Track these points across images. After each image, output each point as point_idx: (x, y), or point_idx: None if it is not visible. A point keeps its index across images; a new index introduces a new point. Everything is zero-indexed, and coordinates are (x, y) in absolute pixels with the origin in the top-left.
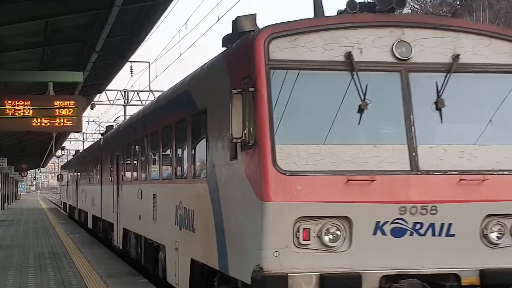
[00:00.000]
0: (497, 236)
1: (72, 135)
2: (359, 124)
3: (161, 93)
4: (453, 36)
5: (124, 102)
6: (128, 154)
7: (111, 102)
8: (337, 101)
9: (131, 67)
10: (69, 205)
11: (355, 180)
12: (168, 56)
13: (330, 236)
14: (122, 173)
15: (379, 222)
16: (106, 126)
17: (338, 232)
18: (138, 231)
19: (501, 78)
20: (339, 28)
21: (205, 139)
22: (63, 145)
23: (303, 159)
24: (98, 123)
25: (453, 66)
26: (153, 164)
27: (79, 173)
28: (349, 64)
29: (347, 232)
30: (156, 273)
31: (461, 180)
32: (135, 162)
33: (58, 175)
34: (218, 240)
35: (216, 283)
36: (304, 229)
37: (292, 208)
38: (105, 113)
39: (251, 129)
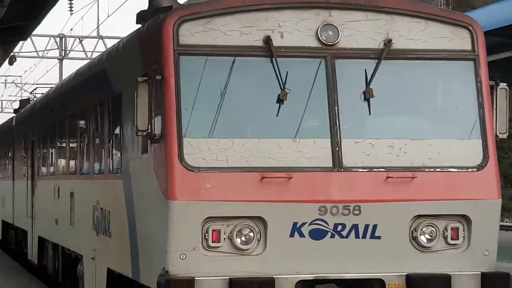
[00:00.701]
0: (427, 239)
1: None
2: (277, 116)
3: (116, 40)
4: (386, 19)
5: (60, 54)
6: (44, 140)
7: (41, 53)
8: (254, 91)
9: (70, 1)
10: None
11: (270, 177)
12: None
13: (243, 238)
14: (38, 165)
15: (296, 223)
16: (20, 101)
17: (252, 234)
18: (55, 239)
19: (439, 66)
20: (258, 9)
21: (120, 128)
22: None
23: (214, 154)
24: (20, 85)
25: (384, 52)
26: (70, 155)
27: None
28: (268, 49)
29: (262, 234)
30: None
31: (388, 177)
32: (52, 151)
33: None
34: (131, 244)
35: None
36: (213, 230)
37: (200, 207)
38: (31, 70)
39: (157, 121)
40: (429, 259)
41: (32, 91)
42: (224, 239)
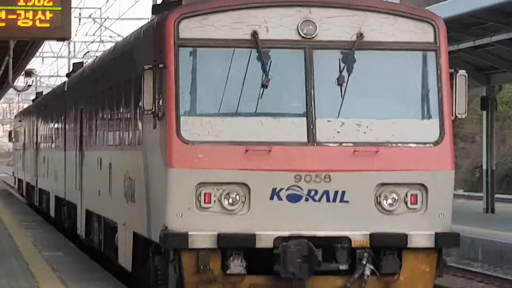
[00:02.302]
0: (389, 204)
1: (45, 52)
2: (261, 98)
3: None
4: (359, 15)
5: None
6: (90, 110)
7: None
8: (242, 78)
9: None
10: (27, 183)
11: (253, 149)
12: None
13: (230, 201)
14: (86, 135)
15: (275, 188)
16: (73, 64)
17: (237, 197)
18: (98, 210)
19: (405, 56)
20: (247, 7)
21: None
22: (31, 67)
23: (206, 130)
24: (100, 21)
25: (356, 44)
26: (109, 127)
27: (39, 131)
28: (255, 42)
29: (246, 197)
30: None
31: (355, 151)
32: (96, 122)
33: (9, 132)
34: (147, 208)
35: (150, 254)
36: (205, 193)
37: (193, 174)
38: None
39: (160, 102)
40: (391, 220)
41: (85, 53)
42: (214, 201)
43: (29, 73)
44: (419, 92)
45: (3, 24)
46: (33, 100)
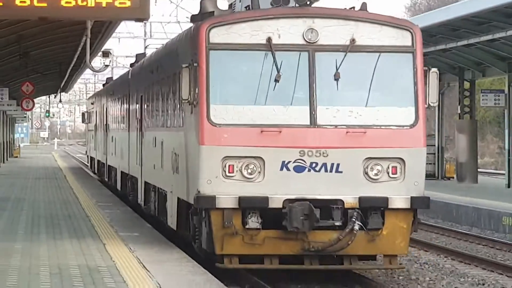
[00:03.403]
0: (375, 174)
1: (121, 33)
2: (274, 90)
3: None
4: (352, 25)
5: None
6: (147, 96)
7: None
8: (259, 74)
9: None
10: (98, 161)
11: (267, 130)
12: None
13: (249, 171)
14: (145, 118)
15: (284, 161)
16: (137, 55)
17: (255, 168)
18: (153, 182)
19: (388, 57)
20: (263, 18)
21: None
22: (108, 47)
23: (230, 115)
24: (176, 1)
25: (349, 47)
26: (162, 111)
27: (108, 113)
28: (269, 46)
29: (261, 168)
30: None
31: (348, 132)
32: (152, 106)
33: (83, 113)
34: (187, 177)
35: (190, 214)
36: (229, 165)
37: (220, 149)
38: None
39: (195, 93)
40: (376, 187)
41: (146, 46)
42: (236, 171)
43: (106, 54)
44: (399, 85)
45: (83, 4)
46: (103, 85)
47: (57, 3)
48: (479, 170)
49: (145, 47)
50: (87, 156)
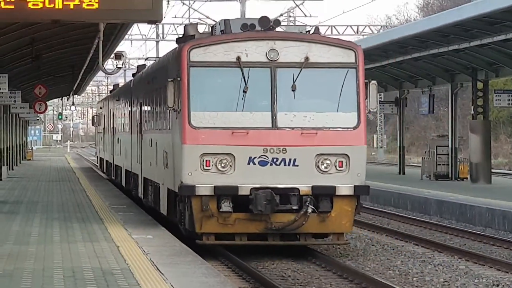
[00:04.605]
0: (324, 167)
1: (134, 35)
2: (242, 99)
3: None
4: (306, 45)
5: None
6: (146, 103)
7: None
8: (230, 86)
9: None
10: (106, 161)
11: (237, 132)
12: None
13: (222, 165)
14: (144, 122)
15: (251, 157)
16: (138, 66)
17: (227, 163)
18: (150, 177)
19: (335, 71)
20: (234, 41)
21: None
22: (120, 49)
23: (207, 120)
24: (189, 3)
25: (303, 64)
26: (156, 117)
27: (114, 117)
28: (238, 63)
29: (232, 163)
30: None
31: (302, 133)
32: (149, 112)
33: (93, 116)
34: (173, 170)
35: (176, 202)
36: (206, 160)
37: (199, 148)
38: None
39: (179, 102)
40: (326, 178)
41: (146, 58)
42: (212, 165)
43: (118, 56)
44: (344, 95)
45: (95, 6)
46: (110, 91)
47: (69, 6)
48: (492, 170)
49: (156, 51)
50: (97, 156)
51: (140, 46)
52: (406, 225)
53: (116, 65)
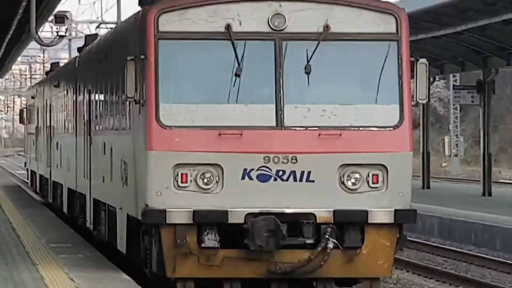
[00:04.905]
0: (352, 183)
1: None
2: (233, 86)
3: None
4: (327, 8)
5: None
6: (96, 92)
7: None
8: (217, 67)
9: None
10: (40, 176)
11: (225, 133)
12: None
13: (205, 180)
14: (93, 118)
15: (246, 169)
16: (86, 36)
17: (212, 177)
18: (102, 198)
19: (368, 46)
20: (221, 2)
21: None
22: (64, 8)
23: (183, 116)
24: None
25: (322, 35)
26: (111, 111)
27: (52, 111)
28: (228, 34)
29: (220, 177)
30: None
31: (320, 134)
32: (100, 105)
33: (21, 110)
34: (135, 188)
35: (141, 234)
36: (182, 173)
37: (171, 156)
38: None
39: (142, 90)
40: (354, 198)
41: (99, 24)
42: (191, 180)
43: (60, 18)
44: (381, 79)
45: None
46: (46, 73)
47: None
48: None
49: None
50: (27, 169)
51: (94, 3)
52: (494, 272)
53: (57, 33)
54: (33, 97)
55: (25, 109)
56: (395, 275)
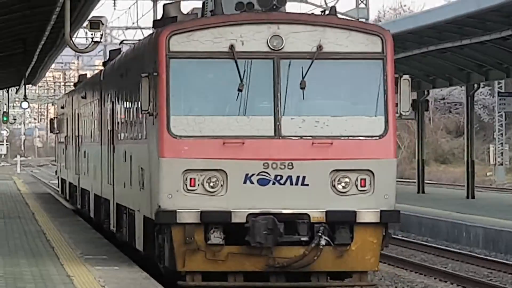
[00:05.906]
0: (342, 187)
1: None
2: (236, 100)
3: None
4: (320, 30)
5: None
6: (118, 103)
7: None
8: (221, 83)
9: None
10: (70, 184)
11: (229, 142)
12: None
13: (211, 184)
14: (116, 128)
15: (248, 174)
16: (110, 51)
17: (217, 181)
18: (124, 202)
19: (357, 63)
20: (226, 25)
21: None
22: (99, 14)
23: (191, 127)
24: None
25: (316, 54)
26: (131, 122)
27: (80, 121)
28: (231, 54)
29: (224, 181)
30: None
31: (313, 143)
32: (122, 116)
33: (51, 120)
34: (150, 192)
35: (156, 233)
36: (191, 178)
37: (180, 162)
38: None
39: (155, 104)
40: (344, 200)
41: (122, 42)
42: (198, 184)
43: (95, 24)
44: (368, 94)
45: None
46: (74, 84)
47: None
48: None
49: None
50: (58, 177)
51: (129, 8)
52: None
53: (92, 39)
54: (62, 107)
55: (55, 119)
56: None
